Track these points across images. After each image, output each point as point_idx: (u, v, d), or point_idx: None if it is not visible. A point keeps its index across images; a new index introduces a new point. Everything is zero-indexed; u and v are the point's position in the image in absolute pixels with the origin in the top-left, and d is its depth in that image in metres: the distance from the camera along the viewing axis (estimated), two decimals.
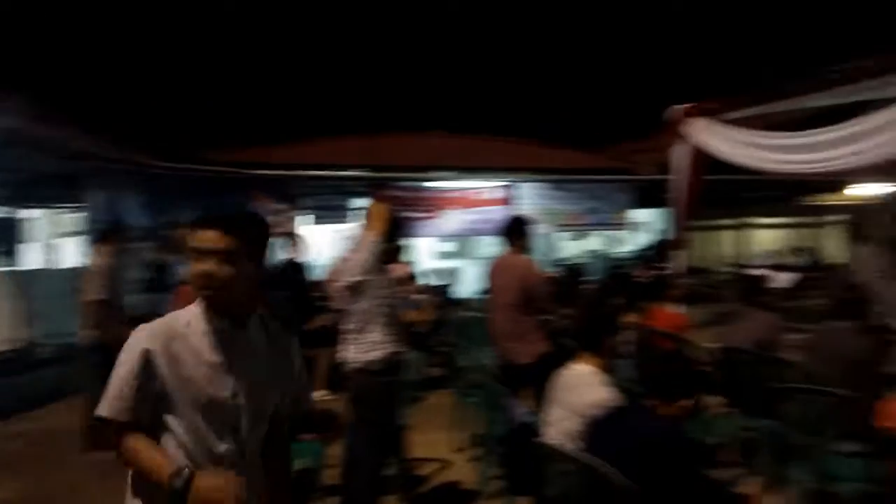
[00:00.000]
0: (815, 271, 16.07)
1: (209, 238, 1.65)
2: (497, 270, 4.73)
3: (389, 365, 3.46)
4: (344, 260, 3.58)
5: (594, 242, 14.21)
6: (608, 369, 2.90)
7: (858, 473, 3.11)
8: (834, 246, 21.05)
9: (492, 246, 9.96)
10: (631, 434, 2.31)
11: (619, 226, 13.74)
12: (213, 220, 1.68)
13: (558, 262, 11.81)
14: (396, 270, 7.67)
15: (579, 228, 13.34)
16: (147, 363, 1.64)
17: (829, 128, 6.57)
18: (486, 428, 3.94)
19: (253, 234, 1.74)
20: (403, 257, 9.02)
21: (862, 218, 8.01)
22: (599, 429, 2.43)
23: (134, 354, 1.65)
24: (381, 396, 3.46)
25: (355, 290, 3.36)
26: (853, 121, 6.46)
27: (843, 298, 3.97)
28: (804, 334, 4.43)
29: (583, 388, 2.79)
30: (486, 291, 5.05)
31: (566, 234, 13.39)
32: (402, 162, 11.14)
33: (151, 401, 1.65)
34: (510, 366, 4.53)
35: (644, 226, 14.87)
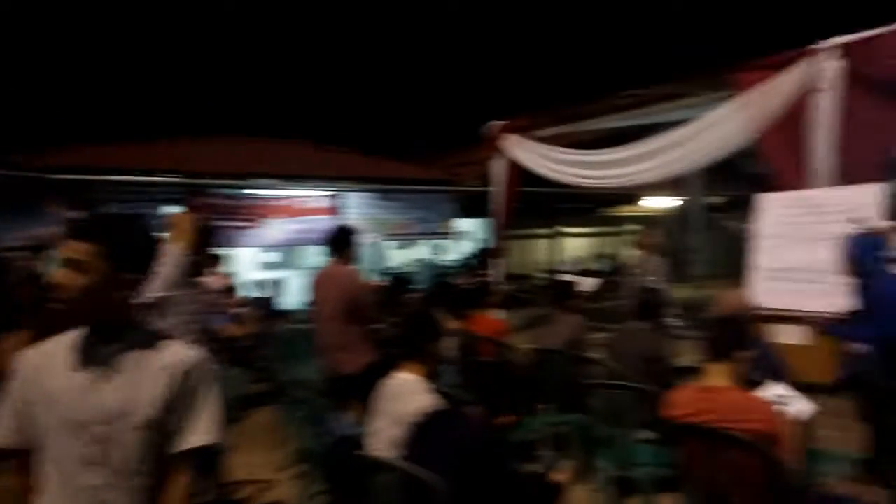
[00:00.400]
0: (615, 276, 17.75)
1: (69, 247, 1.52)
2: (321, 281, 4.63)
3: None
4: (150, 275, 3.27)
5: (420, 251, 14.49)
6: (432, 376, 2.94)
7: (652, 458, 3.43)
8: (630, 253, 23.41)
9: (317, 256, 9.77)
10: (450, 439, 2.35)
11: (444, 235, 14.17)
12: (76, 227, 1.54)
13: (385, 271, 11.87)
14: (214, 283, 7.23)
15: (406, 238, 13.55)
16: (18, 384, 1.53)
17: (624, 146, 7.33)
18: (309, 443, 3.82)
19: (118, 241, 1.56)
20: (222, 269, 8.52)
21: (648, 227, 8.96)
22: (420, 435, 2.45)
23: (12, 376, 1.53)
24: None
25: (159, 307, 3.08)
26: (645, 141, 7.26)
27: (639, 301, 4.39)
28: (607, 334, 4.84)
29: (406, 396, 2.79)
30: (310, 303, 4.92)
31: (393, 244, 13.51)
32: (219, 169, 10.56)
33: (29, 425, 1.51)
34: (337, 377, 4.46)
35: (467, 235, 15.44)
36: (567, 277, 9.39)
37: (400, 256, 13.86)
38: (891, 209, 5.22)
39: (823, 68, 5.41)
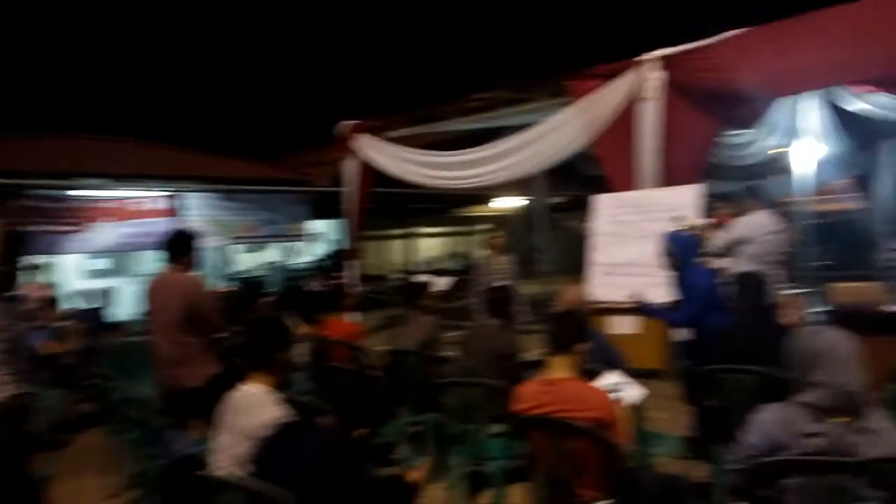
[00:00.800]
0: (467, 275, 18.24)
1: None
2: (158, 289, 4.30)
3: (12, 410, 2.85)
4: None
5: (270, 254, 13.99)
6: (281, 386, 2.81)
7: (503, 452, 3.54)
8: (480, 252, 24.20)
9: (154, 262, 9.08)
10: (301, 451, 2.26)
11: (294, 237, 13.75)
12: None
13: (232, 276, 11.32)
14: (31, 295, 6.48)
15: (253, 240, 12.98)
16: None
17: (473, 149, 7.54)
18: (144, 466, 3.52)
19: None
20: (41, 278, 7.66)
21: (497, 227, 9.30)
22: (269, 450, 2.33)
23: None
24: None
25: None
26: (492, 143, 7.51)
27: (489, 298, 4.51)
28: (459, 332, 4.94)
29: (254, 409, 2.65)
30: (146, 313, 4.55)
31: (239, 247, 12.91)
32: (37, 168, 9.48)
33: None
34: (176, 392, 4.15)
35: (320, 237, 15.13)
36: (421, 278, 9.49)
37: (247, 260, 13.28)
38: (706, 209, 5.82)
39: (647, 78, 5.89)
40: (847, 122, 7.47)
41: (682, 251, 4.34)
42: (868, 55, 4.89)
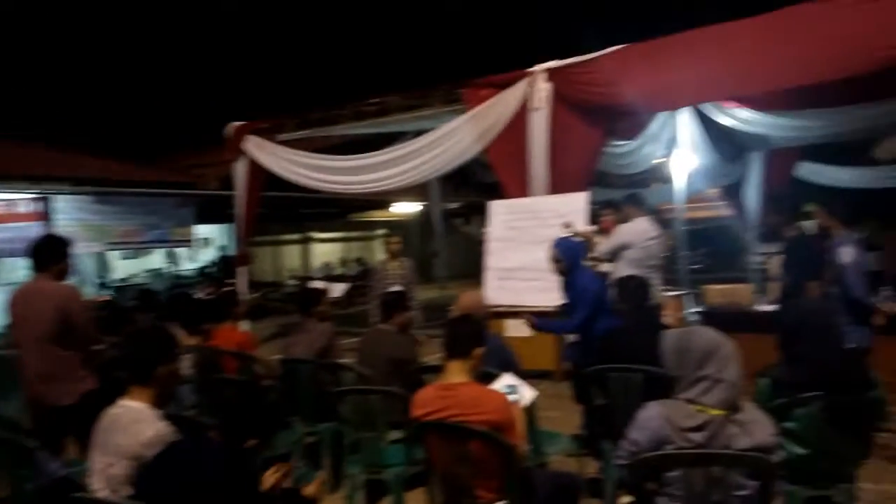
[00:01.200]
0: (364, 280, 18.11)
1: None
2: (25, 299, 3.94)
3: None
4: None
5: (154, 260, 13.23)
6: (164, 401, 2.65)
7: (402, 459, 3.52)
8: (380, 257, 24.12)
9: (20, 270, 8.33)
10: (186, 470, 2.13)
11: (180, 242, 13.08)
12: None
13: (110, 285, 10.61)
14: None
15: (134, 246, 12.21)
16: None
17: (368, 154, 7.50)
18: (14, 491, 3.21)
19: None
20: None
21: (394, 232, 9.29)
22: (151, 470, 2.19)
23: None
24: None
25: None
26: (388, 148, 7.50)
27: (384, 304, 4.48)
28: (356, 338, 4.87)
29: (133, 426, 2.48)
30: (10, 325, 4.15)
31: (120, 253, 12.12)
32: None
33: None
34: (48, 410, 3.83)
35: (208, 242, 14.50)
36: (316, 284, 9.31)
37: (127, 267, 12.48)
38: (592, 215, 6.09)
39: (537, 89, 6.10)
40: (718, 135, 8.08)
41: (570, 256, 4.51)
42: (734, 74, 5.31)
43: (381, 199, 18.86)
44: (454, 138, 6.67)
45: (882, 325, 4.43)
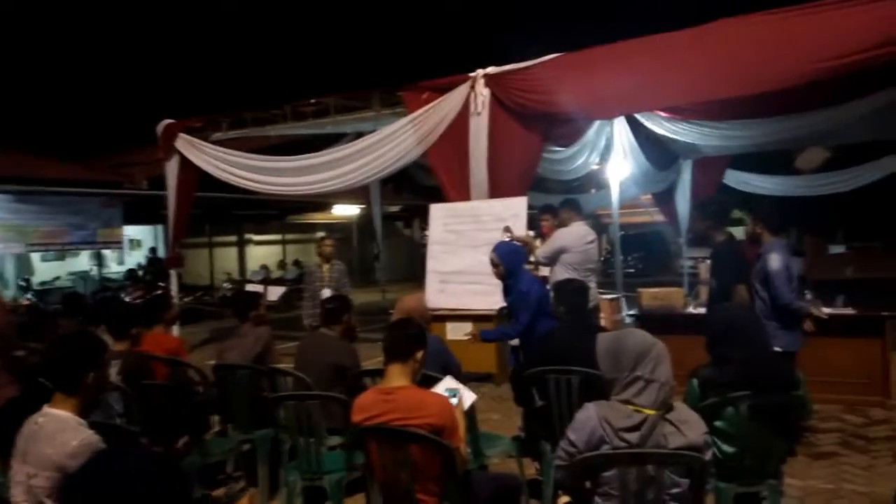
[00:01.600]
0: (302, 284, 17.85)
1: None
2: None
3: None
4: None
5: (80, 262, 12.65)
6: (90, 409, 2.53)
7: (341, 465, 3.48)
8: (316, 260, 23.83)
9: None
10: (113, 481, 2.04)
11: (109, 244, 12.54)
12: None
13: (31, 288, 10.09)
14: None
15: (59, 247, 11.63)
16: None
17: (307, 155, 7.38)
18: None
19: None
20: None
21: (334, 234, 9.18)
22: (76, 481, 2.08)
23: None
24: None
25: None
26: (327, 150, 7.40)
27: (328, 308, 4.40)
28: (294, 343, 4.78)
29: (58, 435, 2.36)
30: None
31: (41, 255, 11.53)
32: None
33: None
34: None
35: (137, 243, 13.98)
36: (253, 287, 9.10)
37: (50, 269, 11.90)
38: (531, 219, 6.18)
39: (477, 94, 6.15)
40: (651, 143, 8.36)
41: (510, 261, 4.56)
42: (666, 85, 5.49)
43: (321, 202, 18.63)
44: (395, 141, 6.64)
45: (813, 331, 4.61)
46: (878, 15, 4.40)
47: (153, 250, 14.17)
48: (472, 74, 6.21)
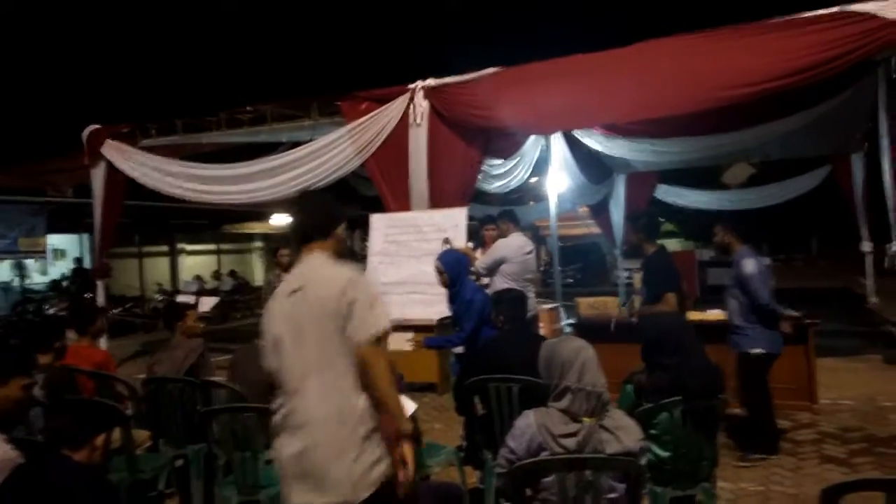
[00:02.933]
0: (240, 294, 17.38)
1: None
2: None
3: None
4: None
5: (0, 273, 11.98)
6: (11, 425, 2.39)
7: (278, 479, 3.38)
8: (258, 270, 23.27)
9: None
10: (36, 497, 1.94)
11: (31, 253, 11.91)
12: None
13: None
14: None
15: None
16: None
17: (244, 163, 7.22)
18: None
19: None
20: None
21: (277, 245, 9.00)
22: (1, 494, 1.97)
23: None
24: None
25: None
26: (264, 158, 7.27)
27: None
28: (228, 355, 4.64)
29: None
30: None
31: None
32: None
33: None
34: None
35: (62, 253, 13.35)
36: (185, 298, 8.80)
37: None
38: (470, 231, 6.23)
39: (416, 105, 6.18)
40: (586, 158, 8.58)
41: (454, 269, 4.58)
42: (603, 104, 5.66)
43: (257, 211, 18.23)
44: (334, 150, 6.58)
45: (790, 334, 4.75)
46: (795, 43, 4.71)
47: (78, 260, 13.54)
48: (411, 86, 6.24)
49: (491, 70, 5.96)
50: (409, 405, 3.00)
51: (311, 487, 2.13)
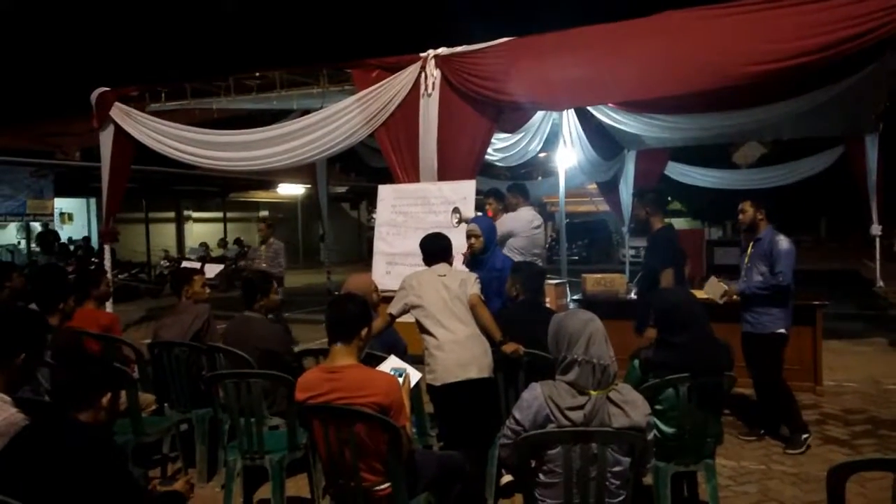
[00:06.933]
0: (242, 262, 17.43)
1: None
2: None
3: None
4: None
5: (7, 235, 12.03)
6: (17, 386, 2.39)
7: (283, 444, 3.42)
8: (256, 238, 23.32)
9: None
10: (45, 456, 1.95)
11: (38, 216, 11.93)
12: None
13: None
14: None
15: None
16: None
17: (252, 130, 7.15)
18: None
19: None
20: None
21: (276, 213, 8.99)
22: (6, 457, 1.98)
23: None
24: None
25: None
26: (272, 126, 7.20)
27: (245, 287, 4.26)
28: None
29: None
30: None
31: None
32: None
33: None
34: None
35: (69, 216, 13.38)
36: (190, 264, 8.82)
37: None
38: (477, 204, 6.17)
39: (428, 75, 6.07)
40: (597, 133, 8.47)
41: (491, 236, 4.56)
42: (618, 79, 5.52)
43: (265, 180, 18.18)
44: (343, 119, 6.50)
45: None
46: (818, 18, 4.58)
47: (87, 224, 13.58)
48: (423, 55, 6.13)
49: (504, 40, 5.84)
50: (414, 374, 3.01)
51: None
